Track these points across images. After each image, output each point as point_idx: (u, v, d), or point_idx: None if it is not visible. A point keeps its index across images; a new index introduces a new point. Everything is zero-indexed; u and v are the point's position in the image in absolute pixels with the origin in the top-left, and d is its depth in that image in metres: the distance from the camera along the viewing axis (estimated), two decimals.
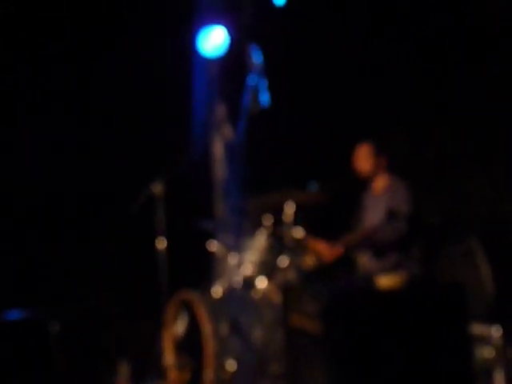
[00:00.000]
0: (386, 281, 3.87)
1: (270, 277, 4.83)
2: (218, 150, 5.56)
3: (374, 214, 5.13)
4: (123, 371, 5.24)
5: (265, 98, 4.71)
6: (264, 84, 4.70)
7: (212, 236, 5.11)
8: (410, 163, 5.55)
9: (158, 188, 5.19)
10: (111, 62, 5.67)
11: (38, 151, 5.62)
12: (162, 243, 5.13)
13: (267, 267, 4.86)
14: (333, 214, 5.30)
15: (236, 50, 5.13)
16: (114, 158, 5.82)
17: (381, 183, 5.16)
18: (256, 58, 4.80)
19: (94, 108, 5.83)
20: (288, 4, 5.24)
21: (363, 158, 5.11)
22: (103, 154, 5.81)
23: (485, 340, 4.26)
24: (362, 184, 5.26)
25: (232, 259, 4.94)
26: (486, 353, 4.24)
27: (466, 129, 5.78)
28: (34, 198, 5.71)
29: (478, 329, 4.22)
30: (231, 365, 4.57)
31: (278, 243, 4.89)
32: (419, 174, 5.49)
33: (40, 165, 5.63)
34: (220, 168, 5.54)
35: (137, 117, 5.81)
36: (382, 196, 5.13)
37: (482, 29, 5.61)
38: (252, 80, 4.76)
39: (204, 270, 5.20)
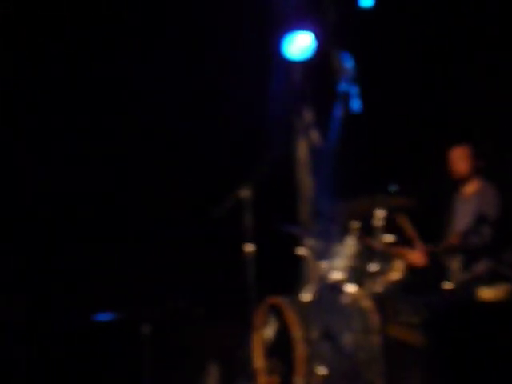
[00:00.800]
0: (488, 293, 3.84)
1: (359, 283, 4.82)
2: (304, 154, 5.55)
3: (463, 216, 5.14)
4: (213, 373, 5.31)
5: (356, 104, 4.69)
6: (355, 90, 4.68)
7: (300, 241, 5.12)
8: (499, 167, 5.48)
9: (245, 192, 5.23)
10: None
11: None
12: (249, 247, 5.17)
13: (357, 273, 4.85)
14: (421, 217, 5.25)
15: (324, 54, 5.11)
16: (199, 162, 5.89)
17: (472, 186, 5.18)
18: (347, 63, 4.78)
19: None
20: (376, 6, 5.18)
21: (460, 160, 5.15)
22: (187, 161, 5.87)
23: None
24: (450, 187, 5.24)
25: (321, 264, 4.95)
26: None
27: None
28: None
29: None
30: (322, 370, 4.57)
31: (368, 249, 4.88)
32: (508, 178, 5.40)
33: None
34: (305, 173, 5.53)
35: (217, 120, 5.84)
36: (471, 199, 5.14)
37: None
38: (343, 86, 4.75)
39: (292, 274, 5.22)
